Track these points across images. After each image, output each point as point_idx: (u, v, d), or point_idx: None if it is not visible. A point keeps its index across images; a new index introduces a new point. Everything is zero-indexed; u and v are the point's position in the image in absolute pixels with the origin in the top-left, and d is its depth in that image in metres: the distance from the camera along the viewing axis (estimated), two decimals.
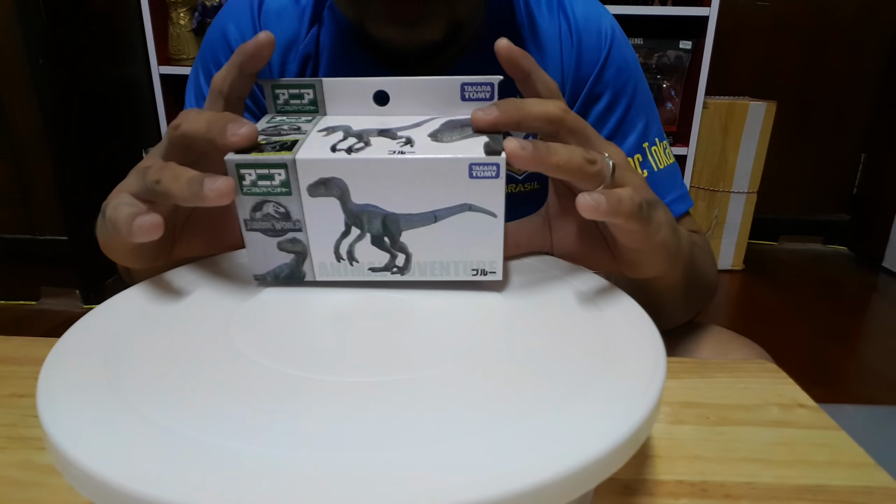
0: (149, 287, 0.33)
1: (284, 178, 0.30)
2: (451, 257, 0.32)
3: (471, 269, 0.33)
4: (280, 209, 0.31)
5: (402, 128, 0.33)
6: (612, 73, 0.56)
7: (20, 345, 0.42)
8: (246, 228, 0.32)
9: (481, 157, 0.29)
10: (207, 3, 1.74)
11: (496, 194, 0.31)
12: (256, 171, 0.30)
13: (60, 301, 1.74)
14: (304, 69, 0.55)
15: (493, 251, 0.32)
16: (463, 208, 0.31)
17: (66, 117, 1.58)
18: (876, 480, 0.30)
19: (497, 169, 0.30)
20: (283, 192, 0.30)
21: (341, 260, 0.33)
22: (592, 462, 0.19)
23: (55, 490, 0.29)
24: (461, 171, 0.30)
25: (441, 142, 0.31)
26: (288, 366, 0.25)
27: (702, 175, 1.98)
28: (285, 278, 0.33)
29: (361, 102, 0.35)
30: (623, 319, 0.29)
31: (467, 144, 0.31)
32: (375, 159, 0.30)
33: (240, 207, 0.31)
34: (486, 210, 0.31)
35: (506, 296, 0.32)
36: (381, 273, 0.33)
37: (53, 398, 0.22)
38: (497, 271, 0.33)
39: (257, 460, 0.19)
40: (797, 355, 1.54)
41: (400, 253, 0.32)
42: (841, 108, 2.23)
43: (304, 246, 0.32)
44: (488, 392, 0.23)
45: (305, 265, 0.33)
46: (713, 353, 0.52)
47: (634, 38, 1.85)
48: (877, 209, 2.17)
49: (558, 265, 0.37)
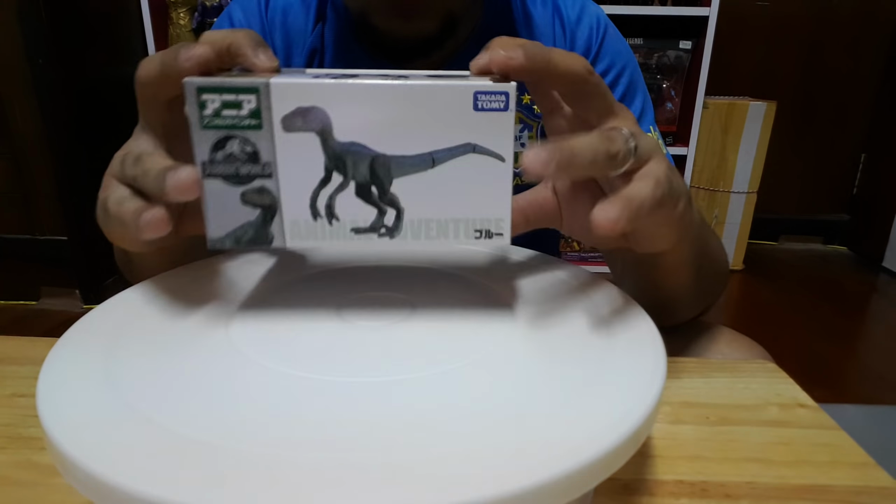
0: (148, 287, 0.33)
1: (255, 106, 0.25)
2: (451, 213, 0.27)
3: (474, 229, 0.28)
4: (247, 148, 0.26)
5: (399, 72, 0.29)
6: (606, 64, 0.57)
7: (20, 345, 0.42)
8: (204, 174, 0.26)
9: (488, 84, 0.25)
10: (207, 4, 1.74)
11: (504, 132, 0.26)
12: (221, 96, 0.25)
13: (60, 301, 1.74)
14: (311, 63, 0.57)
15: (501, 205, 0.27)
16: (466, 149, 0.26)
17: (66, 117, 1.58)
18: (876, 480, 0.30)
19: (506, 99, 0.25)
20: (253, 126, 0.25)
21: (318, 217, 0.27)
22: (592, 462, 0.19)
23: (55, 490, 0.29)
24: (465, 101, 0.25)
25: (441, 78, 0.27)
26: (288, 366, 0.25)
27: (702, 175, 1.98)
28: (248, 242, 0.28)
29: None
30: (623, 319, 0.29)
31: (471, 79, 0.27)
32: (364, 84, 0.25)
33: (197, 145, 0.26)
34: (492, 152, 0.26)
35: (505, 296, 0.32)
36: (367, 235, 0.28)
37: (53, 398, 0.22)
38: (504, 232, 0.28)
39: (257, 460, 0.19)
40: (797, 355, 1.54)
41: (389, 207, 0.27)
42: (841, 108, 2.23)
43: (274, 198, 0.27)
44: (488, 392, 0.23)
45: (274, 225, 0.27)
46: (717, 354, 0.52)
47: (634, 38, 1.85)
48: (877, 209, 2.17)
49: (558, 265, 0.37)
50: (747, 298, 1.92)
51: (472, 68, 0.28)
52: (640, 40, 1.86)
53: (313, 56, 0.57)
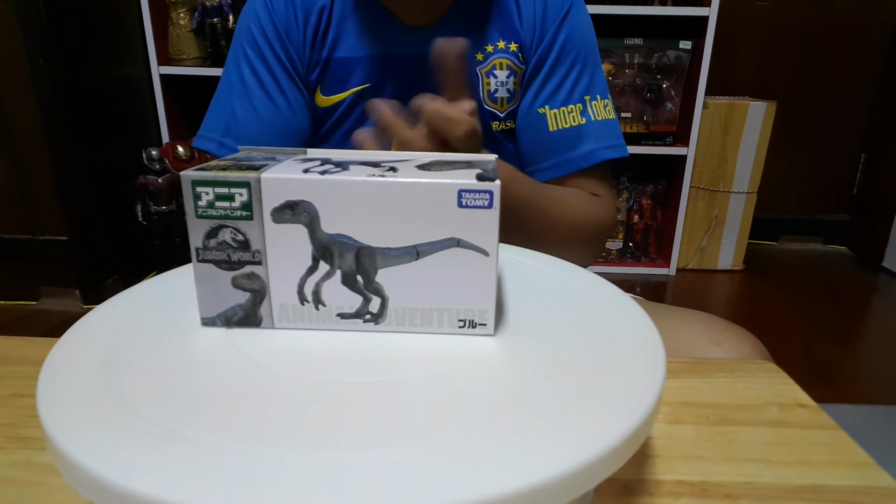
0: (148, 287, 0.33)
1: (246, 199, 0.26)
2: (435, 304, 0.28)
3: (458, 319, 0.28)
4: (238, 236, 0.27)
5: (389, 160, 0.30)
6: (568, 30, 0.65)
7: (20, 345, 0.42)
8: (197, 258, 0.28)
9: (473, 182, 0.26)
10: (207, 4, 1.74)
11: (489, 228, 0.26)
12: (214, 189, 0.26)
13: (60, 301, 1.74)
14: (320, 19, 0.62)
15: (485, 297, 0.28)
16: (450, 243, 0.27)
17: (65, 117, 1.58)
18: (876, 480, 0.30)
19: (490, 197, 0.26)
20: (244, 216, 0.27)
21: (305, 302, 0.28)
22: (592, 462, 0.19)
23: (55, 490, 0.29)
24: (449, 198, 0.26)
25: (429, 170, 0.28)
26: (288, 366, 0.25)
27: (702, 175, 1.98)
28: (238, 322, 0.29)
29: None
30: (623, 319, 0.29)
31: (458, 173, 0.27)
32: (351, 181, 0.26)
33: (191, 232, 0.27)
34: (476, 247, 0.27)
35: (505, 296, 0.32)
36: (352, 321, 0.28)
37: (53, 398, 0.22)
38: (488, 323, 0.28)
39: (257, 460, 0.19)
40: (797, 355, 1.54)
41: (374, 296, 0.28)
42: (841, 108, 2.23)
43: (263, 283, 0.28)
44: (488, 392, 0.23)
45: (263, 308, 0.28)
46: (706, 340, 0.52)
47: (634, 38, 1.85)
48: (877, 209, 2.17)
49: (558, 265, 0.37)
50: (747, 298, 1.92)
51: None
52: (640, 40, 1.86)
53: (321, 14, 0.62)
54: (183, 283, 0.33)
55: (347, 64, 0.62)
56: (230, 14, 1.75)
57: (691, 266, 2.10)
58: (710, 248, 2.08)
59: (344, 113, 0.63)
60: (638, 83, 1.90)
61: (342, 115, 0.63)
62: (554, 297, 0.32)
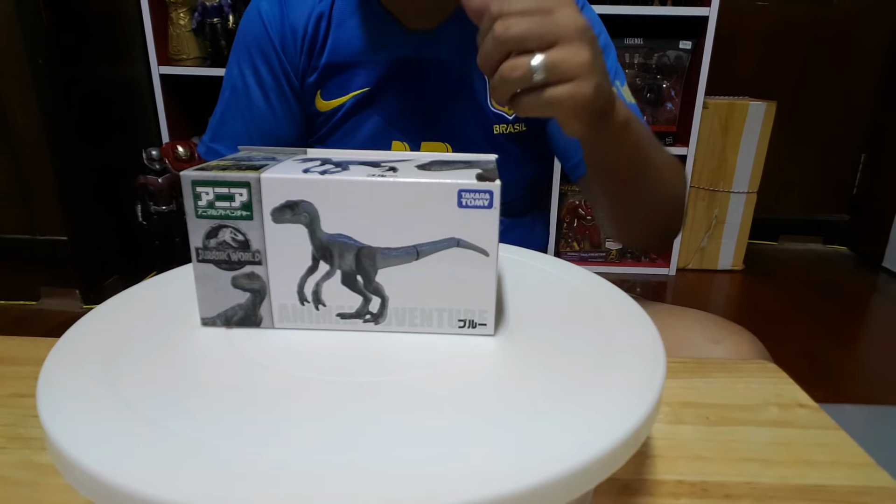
0: (148, 288, 0.33)
1: (246, 199, 0.26)
2: (435, 304, 0.28)
3: (457, 319, 0.28)
4: (238, 237, 0.27)
5: (390, 160, 0.30)
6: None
7: (20, 345, 0.42)
8: (197, 258, 0.28)
9: (473, 182, 0.26)
10: (207, 4, 1.74)
11: (489, 228, 0.27)
12: (214, 189, 0.26)
13: (60, 301, 1.74)
14: (318, 25, 0.61)
15: (485, 297, 0.28)
16: (450, 243, 0.27)
17: (65, 117, 1.58)
18: (876, 480, 0.30)
19: (490, 197, 0.26)
20: (244, 217, 0.27)
21: (305, 302, 0.28)
22: (592, 462, 0.19)
23: (55, 490, 0.29)
24: (449, 198, 0.26)
25: (429, 170, 0.28)
26: (288, 366, 0.25)
27: (702, 175, 1.98)
28: (238, 322, 0.29)
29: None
30: (623, 319, 0.29)
31: (458, 173, 0.27)
32: (351, 181, 0.26)
33: (191, 232, 0.27)
34: (476, 247, 0.27)
35: (505, 296, 0.32)
36: (352, 321, 0.29)
37: (53, 398, 0.22)
38: (488, 323, 0.28)
39: (257, 460, 0.19)
40: (797, 355, 1.54)
41: (374, 296, 0.28)
42: (841, 108, 2.23)
43: (263, 283, 0.28)
44: (489, 392, 0.23)
45: (263, 308, 0.28)
46: (705, 339, 0.52)
47: (634, 38, 1.85)
48: (877, 209, 2.17)
49: (558, 264, 0.37)
50: (747, 298, 1.92)
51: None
52: (640, 40, 1.85)
53: (320, 20, 0.61)
54: (183, 283, 0.33)
55: (348, 68, 0.62)
56: (230, 14, 1.75)
57: (691, 266, 2.10)
58: (710, 248, 2.08)
59: (343, 117, 0.63)
60: (638, 83, 1.90)
61: (341, 119, 0.63)
62: (554, 297, 0.32)
